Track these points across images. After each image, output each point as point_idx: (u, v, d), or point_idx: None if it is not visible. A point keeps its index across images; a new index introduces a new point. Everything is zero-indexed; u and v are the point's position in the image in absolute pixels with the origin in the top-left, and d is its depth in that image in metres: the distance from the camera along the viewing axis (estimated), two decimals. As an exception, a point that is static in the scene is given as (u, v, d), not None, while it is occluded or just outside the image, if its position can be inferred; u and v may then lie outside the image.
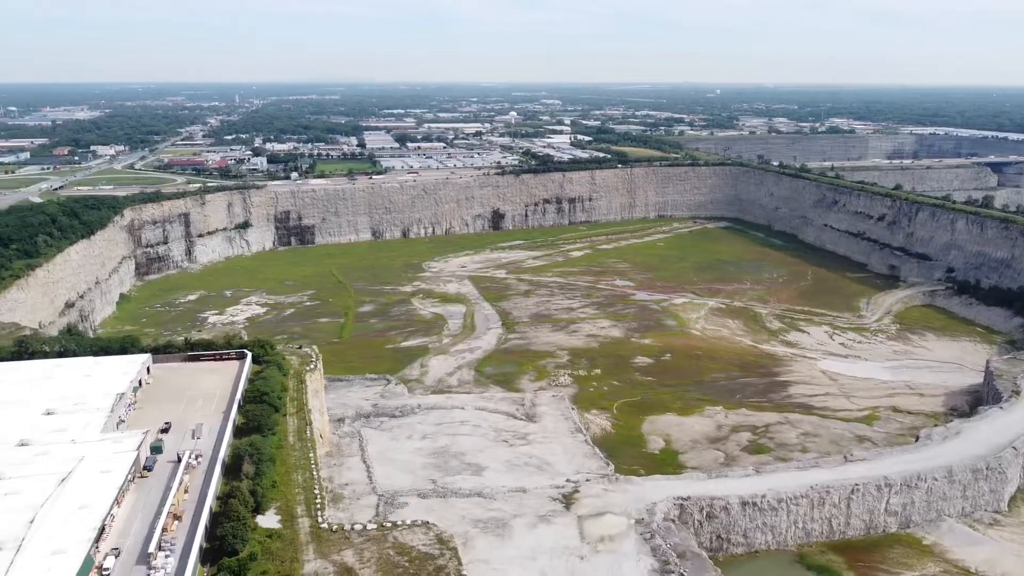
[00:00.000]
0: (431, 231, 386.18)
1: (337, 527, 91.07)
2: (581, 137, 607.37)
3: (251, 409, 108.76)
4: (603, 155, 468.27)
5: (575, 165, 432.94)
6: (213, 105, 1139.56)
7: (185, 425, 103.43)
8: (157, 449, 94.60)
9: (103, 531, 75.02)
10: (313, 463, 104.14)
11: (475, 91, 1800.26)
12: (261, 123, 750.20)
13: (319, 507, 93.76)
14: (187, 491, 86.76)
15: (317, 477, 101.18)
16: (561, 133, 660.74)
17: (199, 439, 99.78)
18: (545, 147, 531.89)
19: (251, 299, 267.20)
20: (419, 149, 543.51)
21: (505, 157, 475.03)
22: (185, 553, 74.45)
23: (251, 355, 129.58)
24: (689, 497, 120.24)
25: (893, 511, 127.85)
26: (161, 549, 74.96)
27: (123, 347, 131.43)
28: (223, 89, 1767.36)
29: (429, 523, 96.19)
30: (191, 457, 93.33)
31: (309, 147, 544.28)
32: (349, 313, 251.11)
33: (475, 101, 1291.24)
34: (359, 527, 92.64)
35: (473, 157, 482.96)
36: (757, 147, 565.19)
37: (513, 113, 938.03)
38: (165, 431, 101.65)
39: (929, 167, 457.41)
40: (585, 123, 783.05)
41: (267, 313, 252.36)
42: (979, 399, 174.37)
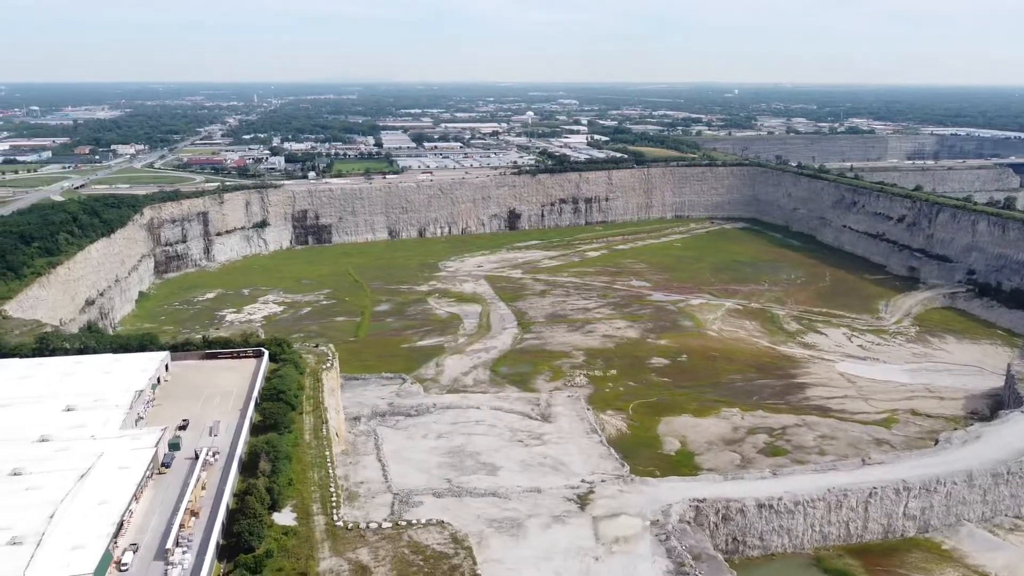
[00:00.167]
0: (447, 231, 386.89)
1: (352, 525, 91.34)
2: (598, 137, 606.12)
3: (268, 407, 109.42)
4: (620, 155, 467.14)
5: (592, 165, 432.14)
6: (232, 104, 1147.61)
7: (203, 422, 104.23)
8: (175, 446, 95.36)
9: (121, 526, 75.73)
10: (329, 461, 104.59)
11: (492, 91, 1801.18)
12: (279, 122, 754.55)
13: (335, 505, 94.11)
14: (204, 488, 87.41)
15: (333, 475, 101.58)
16: (578, 133, 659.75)
17: (216, 436, 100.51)
18: (562, 147, 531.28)
19: (268, 298, 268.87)
20: (436, 149, 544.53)
21: (522, 157, 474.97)
22: (202, 549, 75.03)
23: (268, 353, 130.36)
24: (705, 499, 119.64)
25: (912, 515, 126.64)
26: (178, 545, 75.60)
27: (142, 345, 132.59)
28: (242, 89, 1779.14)
29: (444, 522, 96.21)
30: (208, 454, 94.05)
31: (327, 146, 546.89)
32: (365, 312, 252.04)
33: (492, 101, 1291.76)
34: (374, 525, 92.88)
35: (490, 157, 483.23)
36: (775, 147, 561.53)
37: (530, 113, 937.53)
38: (183, 428, 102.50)
39: (950, 168, 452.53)
40: (602, 123, 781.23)
41: (284, 312, 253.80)
42: (1000, 403, 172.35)
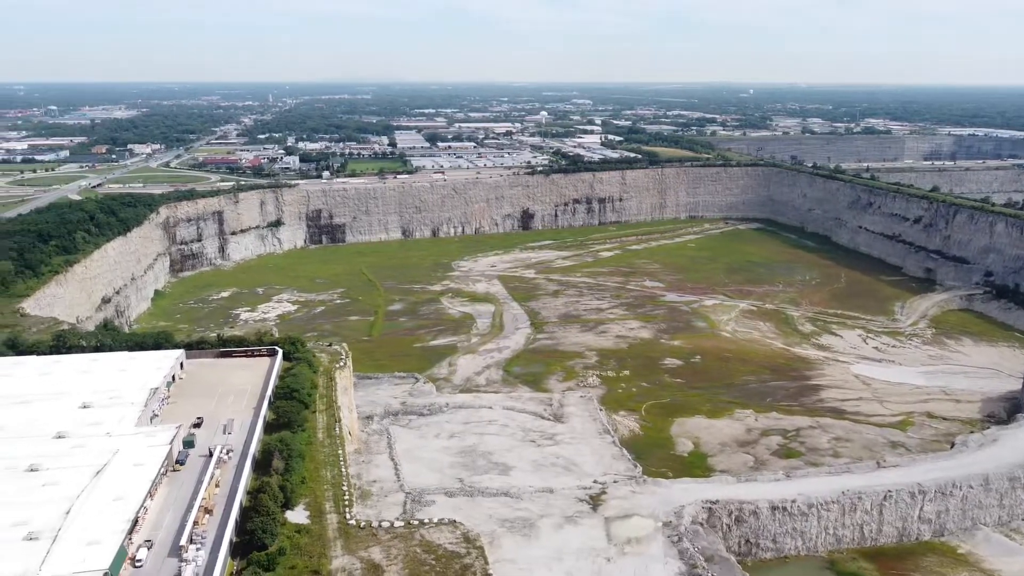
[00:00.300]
0: (461, 230, 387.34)
1: (365, 524, 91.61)
2: (612, 137, 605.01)
3: (281, 405, 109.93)
4: (634, 155, 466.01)
5: (605, 165, 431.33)
6: (247, 104, 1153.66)
7: (217, 420, 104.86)
8: (189, 443, 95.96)
9: (136, 523, 76.28)
10: (342, 460, 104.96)
11: (506, 91, 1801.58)
12: (294, 122, 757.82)
13: (347, 503, 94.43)
14: (218, 485, 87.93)
15: (345, 474, 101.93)
16: (592, 133, 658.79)
17: (230, 434, 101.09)
18: (575, 147, 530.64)
19: (282, 296, 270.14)
20: (449, 148, 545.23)
21: (535, 157, 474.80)
22: (216, 546, 75.47)
23: (282, 352, 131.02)
24: (718, 500, 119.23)
25: (927, 519, 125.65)
26: (192, 542, 76.07)
27: (157, 343, 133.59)
28: (257, 89, 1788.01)
29: (456, 522, 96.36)
30: (222, 452, 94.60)
31: (341, 146, 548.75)
32: (379, 311, 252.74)
33: (506, 101, 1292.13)
34: (386, 524, 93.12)
35: (503, 157, 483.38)
36: (790, 148, 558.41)
37: (544, 113, 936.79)
38: (197, 426, 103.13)
39: (968, 169, 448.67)
40: (616, 123, 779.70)
41: (298, 311, 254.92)
42: (1017, 406, 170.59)
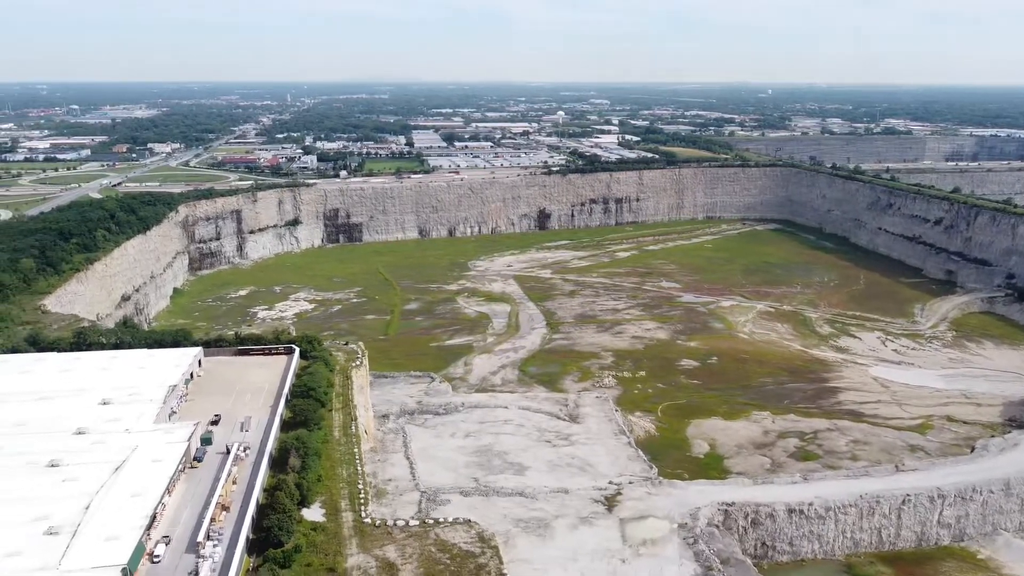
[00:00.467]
0: (477, 230, 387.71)
1: (380, 522, 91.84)
2: (629, 137, 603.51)
3: (298, 403, 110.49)
4: (651, 155, 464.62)
5: (622, 165, 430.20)
6: (266, 104, 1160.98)
7: (234, 418, 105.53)
8: (207, 441, 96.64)
9: (154, 519, 76.94)
10: (357, 458, 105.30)
11: (523, 91, 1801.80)
12: (312, 122, 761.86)
13: (363, 502, 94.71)
14: (235, 482, 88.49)
15: (361, 472, 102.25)
16: (609, 133, 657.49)
17: (247, 432, 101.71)
18: (592, 147, 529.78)
19: (299, 295, 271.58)
20: (466, 148, 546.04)
21: (552, 157, 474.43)
22: (232, 543, 75.96)
23: (299, 350, 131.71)
24: (734, 503, 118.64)
25: (946, 523, 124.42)
26: (209, 538, 76.60)
27: (176, 340, 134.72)
28: (275, 88, 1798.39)
29: (471, 521, 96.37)
30: (239, 449, 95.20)
31: (358, 146, 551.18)
32: (395, 311, 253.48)
33: (523, 100, 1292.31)
34: (401, 523, 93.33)
35: (520, 156, 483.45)
36: (809, 148, 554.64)
37: (561, 113, 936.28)
38: (215, 423, 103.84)
39: (990, 170, 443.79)
40: (633, 123, 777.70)
41: (315, 309, 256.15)
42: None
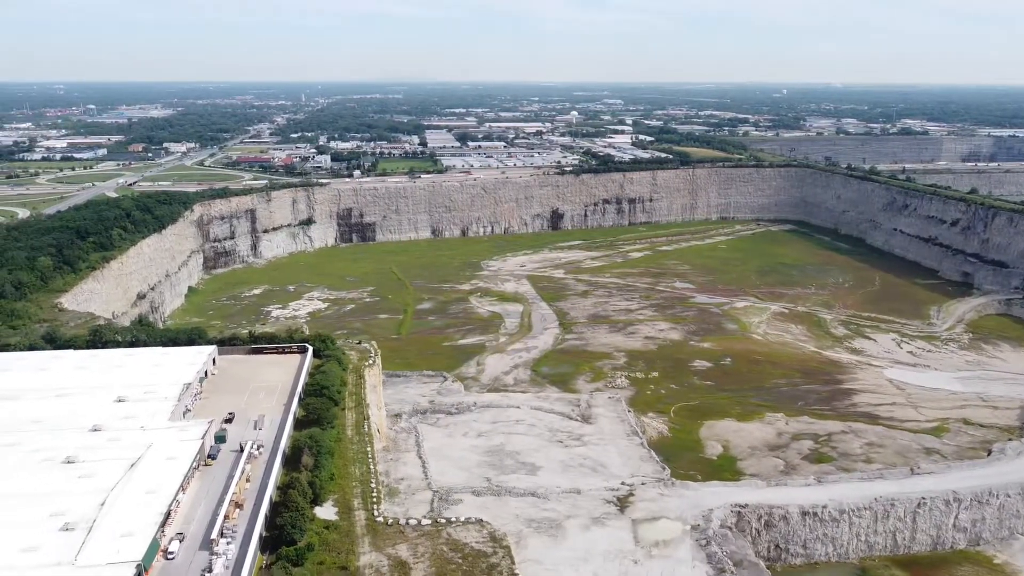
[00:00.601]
0: (490, 230, 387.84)
1: (392, 521, 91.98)
2: (643, 137, 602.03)
3: (311, 402, 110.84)
4: (665, 155, 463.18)
5: (636, 165, 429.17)
6: (280, 104, 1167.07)
7: (248, 416, 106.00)
8: (221, 438, 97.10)
9: (169, 516, 77.36)
10: (370, 457, 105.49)
11: (537, 90, 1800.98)
12: (326, 122, 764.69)
13: (375, 501, 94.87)
14: (249, 480, 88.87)
15: (374, 471, 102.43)
16: (622, 133, 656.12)
17: (261, 430, 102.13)
18: (606, 147, 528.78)
19: (313, 294, 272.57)
20: (480, 148, 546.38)
21: (565, 157, 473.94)
22: (246, 540, 76.28)
23: (312, 349, 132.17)
24: (747, 505, 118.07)
25: (962, 527, 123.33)
26: (223, 536, 76.95)
27: (190, 338, 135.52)
28: (290, 88, 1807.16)
29: (483, 521, 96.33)
30: (253, 447, 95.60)
31: (372, 145, 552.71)
32: (408, 310, 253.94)
33: (536, 100, 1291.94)
34: (414, 522, 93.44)
35: (533, 156, 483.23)
36: (824, 148, 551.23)
37: (574, 113, 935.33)
38: (229, 421, 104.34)
39: (1008, 171, 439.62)
40: (647, 123, 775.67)
41: (328, 308, 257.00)
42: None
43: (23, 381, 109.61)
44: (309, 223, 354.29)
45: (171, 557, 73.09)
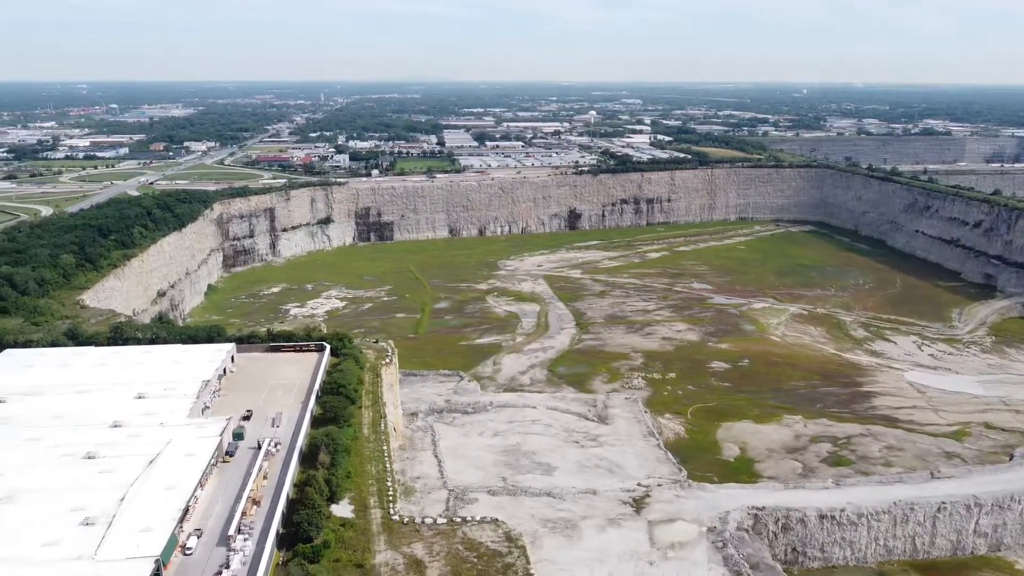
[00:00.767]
0: (507, 230, 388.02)
1: (408, 520, 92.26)
2: (661, 137, 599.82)
3: (328, 400, 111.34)
4: (683, 155, 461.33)
5: (654, 165, 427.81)
6: (299, 103, 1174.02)
7: (265, 413, 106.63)
8: (239, 435, 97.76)
9: (187, 512, 77.99)
10: (386, 455, 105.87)
11: (555, 90, 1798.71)
12: (344, 121, 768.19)
13: (391, 499, 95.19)
14: (266, 477, 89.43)
15: (390, 469, 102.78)
16: (641, 133, 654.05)
17: (278, 427, 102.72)
18: (624, 147, 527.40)
19: (331, 293, 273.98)
20: (497, 148, 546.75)
21: (583, 156, 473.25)
22: (263, 537, 76.73)
23: (330, 347, 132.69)
24: (764, 507, 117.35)
25: (983, 532, 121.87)
26: (240, 532, 77.44)
27: (210, 336, 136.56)
28: (309, 88, 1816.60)
29: (498, 520, 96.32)
30: (270, 445, 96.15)
31: (390, 145, 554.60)
32: (425, 309, 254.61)
33: (554, 100, 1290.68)
34: (429, 521, 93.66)
35: (551, 156, 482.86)
36: (845, 149, 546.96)
37: (592, 112, 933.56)
38: (247, 418, 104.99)
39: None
40: (665, 123, 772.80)
41: (346, 307, 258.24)
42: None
43: (46, 377, 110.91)
44: (327, 222, 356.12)
45: (189, 553, 73.69)
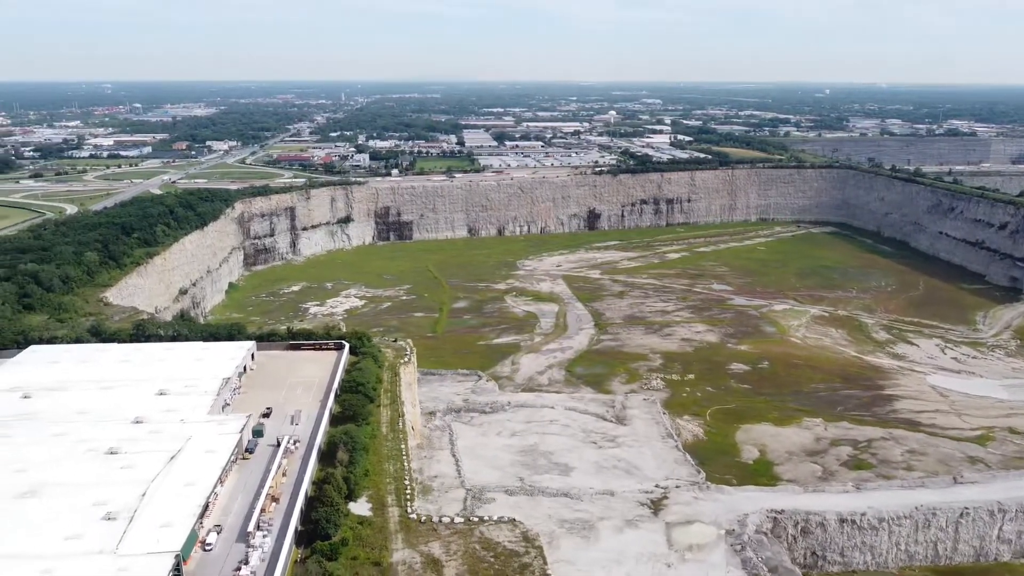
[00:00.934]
0: (526, 229, 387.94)
1: (425, 518, 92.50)
2: (681, 137, 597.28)
3: (347, 399, 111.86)
4: (703, 156, 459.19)
5: (674, 165, 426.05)
6: (320, 103, 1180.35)
7: (285, 411, 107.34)
8: (258, 433, 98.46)
9: (207, 508, 78.69)
10: (404, 454, 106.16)
11: (575, 90, 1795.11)
12: (365, 121, 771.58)
13: (409, 498, 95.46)
14: (285, 475, 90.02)
15: (408, 468, 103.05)
16: (661, 133, 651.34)
17: (297, 425, 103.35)
18: (644, 147, 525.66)
19: (350, 292, 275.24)
20: (517, 148, 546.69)
21: (603, 156, 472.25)
22: (281, 534, 77.27)
23: (349, 346, 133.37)
24: (783, 510, 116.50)
25: (1007, 539, 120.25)
26: (259, 529, 78.05)
27: (230, 334, 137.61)
28: (330, 87, 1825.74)
29: (515, 520, 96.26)
30: (289, 442, 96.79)
31: (410, 144, 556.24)
32: (443, 308, 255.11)
33: (574, 100, 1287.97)
34: (446, 520, 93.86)
35: (571, 156, 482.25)
36: (868, 149, 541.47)
37: (612, 112, 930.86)
38: (266, 416, 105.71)
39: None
40: (686, 123, 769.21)
41: (365, 306, 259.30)
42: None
43: (70, 373, 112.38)
44: (347, 221, 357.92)
45: (209, 548, 74.33)
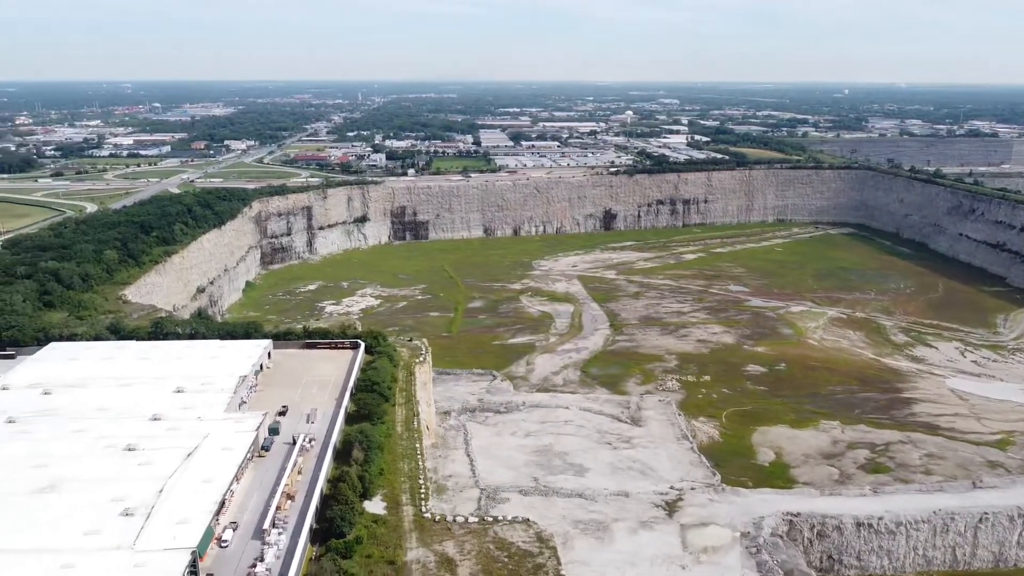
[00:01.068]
0: (542, 229, 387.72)
1: (440, 518, 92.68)
2: (698, 137, 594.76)
3: (362, 397, 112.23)
4: (720, 156, 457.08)
5: (691, 166, 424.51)
6: (337, 103, 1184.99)
7: (300, 409, 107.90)
8: (274, 431, 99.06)
9: (223, 505, 79.23)
10: (419, 453, 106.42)
11: (591, 90, 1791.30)
12: (381, 121, 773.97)
13: (423, 497, 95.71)
14: (300, 473, 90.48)
15: (422, 467, 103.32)
16: (678, 133, 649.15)
17: (313, 423, 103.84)
18: (660, 147, 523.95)
19: (366, 291, 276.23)
20: (533, 148, 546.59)
21: (619, 157, 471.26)
22: (296, 532, 77.68)
23: (364, 345, 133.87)
24: (799, 513, 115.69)
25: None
26: (275, 526, 78.50)
27: (247, 332, 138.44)
28: (347, 87, 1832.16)
29: (530, 520, 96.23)
30: (305, 440, 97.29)
31: (426, 144, 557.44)
32: (459, 308, 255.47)
33: (591, 100, 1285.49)
34: (461, 519, 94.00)
35: (587, 156, 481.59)
36: (887, 150, 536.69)
37: (629, 112, 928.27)
38: (282, 414, 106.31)
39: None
40: (703, 123, 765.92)
41: (380, 305, 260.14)
42: None
43: (89, 370, 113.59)
44: (364, 221, 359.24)
45: (225, 545, 74.85)
